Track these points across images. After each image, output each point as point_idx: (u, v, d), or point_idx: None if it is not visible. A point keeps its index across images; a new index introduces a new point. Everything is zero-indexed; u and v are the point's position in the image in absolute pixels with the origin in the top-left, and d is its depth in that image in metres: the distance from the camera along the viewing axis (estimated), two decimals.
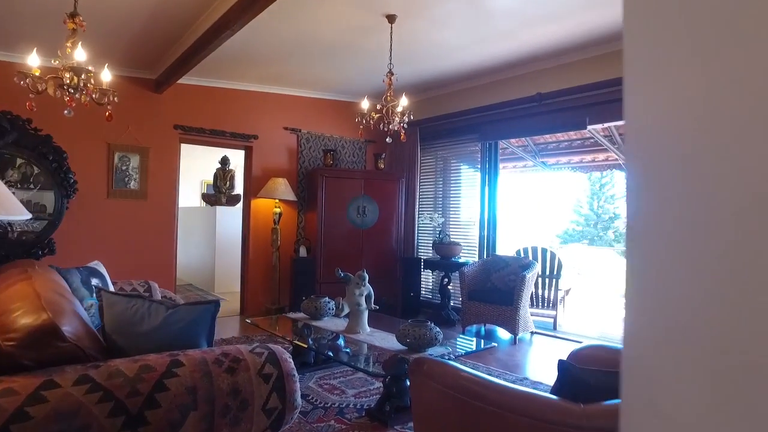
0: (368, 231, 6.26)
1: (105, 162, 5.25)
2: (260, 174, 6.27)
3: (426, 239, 7.06)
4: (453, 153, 6.83)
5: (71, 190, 4.72)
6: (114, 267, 5.26)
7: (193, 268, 8.88)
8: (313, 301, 4.14)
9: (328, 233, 6.06)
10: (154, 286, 3.92)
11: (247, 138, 6.16)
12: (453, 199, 6.89)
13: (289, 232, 6.43)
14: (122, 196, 5.33)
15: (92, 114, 5.14)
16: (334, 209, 6.10)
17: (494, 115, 6.06)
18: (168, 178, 5.63)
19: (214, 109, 5.96)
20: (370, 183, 6.30)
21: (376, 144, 7.22)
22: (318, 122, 6.78)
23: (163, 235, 5.59)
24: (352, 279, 3.75)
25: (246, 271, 6.28)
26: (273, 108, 6.41)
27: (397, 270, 6.38)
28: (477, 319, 5.43)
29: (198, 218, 8.83)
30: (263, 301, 6.24)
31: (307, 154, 6.65)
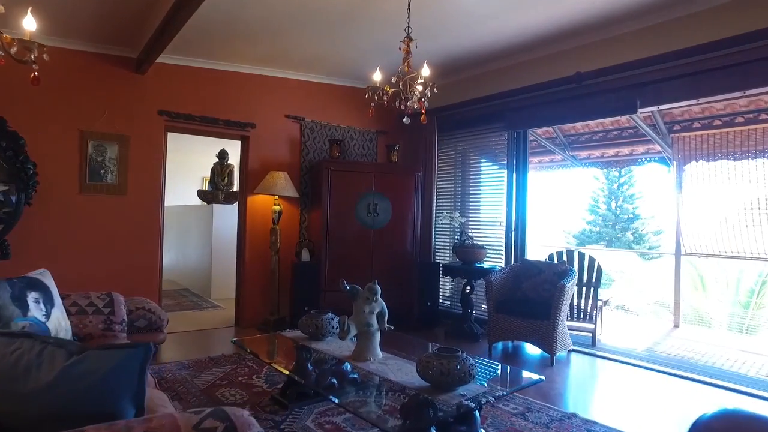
0: (380, 232, 5.52)
1: (77, 152, 4.56)
2: (258, 167, 5.56)
3: (443, 241, 6.30)
4: (475, 144, 6.07)
5: (30, 183, 4.03)
6: (86, 274, 4.58)
7: (190, 272, 8.20)
8: (313, 318, 3.40)
9: (334, 234, 5.34)
10: (118, 299, 3.21)
11: (243, 126, 5.45)
12: (473, 197, 6.13)
13: (290, 232, 5.71)
14: (97, 191, 4.64)
15: (61, 96, 4.47)
16: (341, 207, 5.37)
17: (524, 101, 5.29)
18: (151, 171, 4.93)
19: (206, 93, 5.25)
20: (382, 177, 5.56)
21: (388, 135, 6.49)
22: (324, 110, 6.05)
23: (145, 236, 4.89)
24: (360, 293, 3.01)
25: (242, 276, 5.57)
26: (273, 93, 5.69)
27: (413, 276, 5.63)
28: (505, 335, 4.67)
29: (195, 217, 8.14)
30: (261, 311, 5.52)
31: (311, 145, 5.93)
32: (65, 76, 4.51)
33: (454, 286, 6.23)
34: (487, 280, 4.77)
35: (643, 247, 23.49)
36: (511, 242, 5.57)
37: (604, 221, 24.86)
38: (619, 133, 6.54)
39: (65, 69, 4.51)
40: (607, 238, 25.12)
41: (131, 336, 4.19)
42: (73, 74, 4.55)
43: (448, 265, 5.47)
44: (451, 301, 6.21)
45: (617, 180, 24.42)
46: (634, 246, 23.47)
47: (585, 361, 4.63)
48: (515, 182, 5.59)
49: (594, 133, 6.77)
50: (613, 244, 23.90)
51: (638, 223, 24.12)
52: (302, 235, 5.83)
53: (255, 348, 3.51)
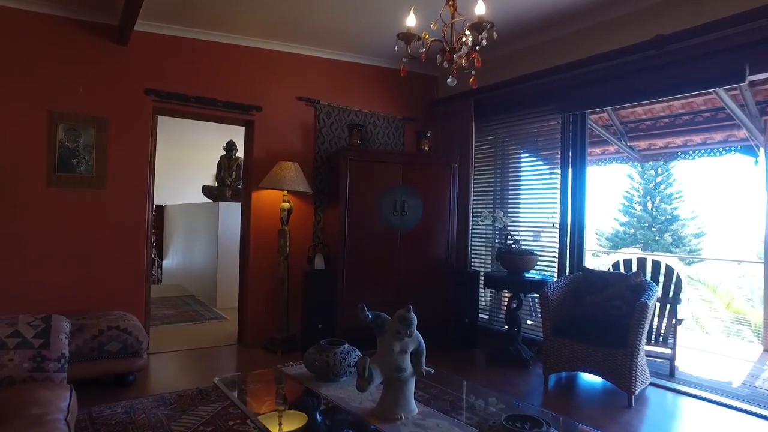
0: (408, 234, 4.62)
1: (44, 136, 3.78)
2: (264, 157, 4.72)
3: (480, 246, 5.37)
4: (520, 132, 5.11)
5: None
6: (56, 286, 3.79)
7: (197, 277, 7.43)
8: (323, 352, 2.53)
9: (354, 237, 4.46)
10: (59, 324, 2.39)
11: (246, 110, 4.62)
12: (516, 194, 5.20)
13: (301, 235, 4.85)
14: (70, 185, 3.86)
15: (25, 69, 3.69)
16: (362, 205, 4.49)
17: (583, 76, 4.33)
18: (136, 161, 4.13)
19: (202, 69, 4.43)
20: (411, 169, 4.66)
21: (417, 122, 5.59)
22: (342, 92, 5.18)
23: (129, 239, 4.09)
24: (387, 324, 2.13)
25: (245, 286, 4.73)
26: (282, 71, 4.85)
27: (447, 288, 4.72)
28: (566, 364, 3.73)
29: (201, 217, 7.37)
30: (267, 328, 4.67)
31: (327, 132, 5.07)
32: (29, 46, 3.74)
33: (493, 297, 5.30)
34: (544, 295, 3.83)
35: (683, 250, 22.04)
36: (565, 248, 4.61)
37: (639, 222, 23.43)
38: (691, 117, 5.51)
39: (29, 36, 3.74)
40: (642, 241, 23.67)
41: (101, 363, 3.40)
42: (39, 43, 3.78)
43: (490, 275, 4.54)
44: (489, 315, 5.28)
45: (654, 179, 23.03)
46: (674, 249, 22.03)
47: (667, 399, 3.65)
48: (571, 176, 4.62)
49: (658, 118, 5.75)
50: (650, 247, 22.51)
51: (677, 225, 22.68)
52: (316, 237, 4.97)
53: (247, 387, 2.66)
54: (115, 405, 3.15)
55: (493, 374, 4.08)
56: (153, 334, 4.74)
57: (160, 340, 4.67)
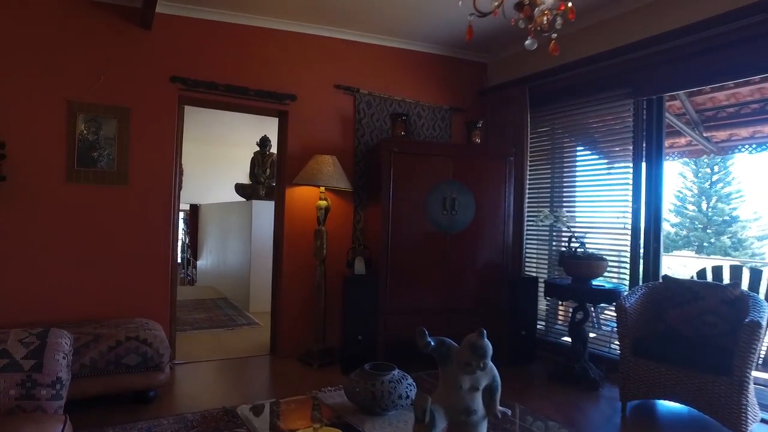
0: (459, 236, 4.12)
1: (63, 128, 3.48)
2: (299, 151, 4.31)
3: (533, 249, 4.81)
4: (581, 121, 4.52)
5: None
6: (74, 290, 3.48)
7: (230, 279, 7.14)
8: (366, 379, 2.07)
9: (398, 239, 3.99)
10: (56, 343, 2.01)
11: (280, 99, 4.22)
12: (578, 191, 4.62)
13: (340, 236, 4.42)
14: (89, 180, 3.54)
15: (43, 56, 3.39)
16: (407, 202, 4.02)
17: (663, 54, 3.73)
18: (161, 155, 3.78)
19: (232, 55, 4.06)
20: (462, 163, 4.15)
21: (465, 113, 5.08)
22: (383, 79, 4.73)
23: (153, 240, 3.75)
24: (454, 352, 1.65)
25: (278, 291, 4.34)
26: (319, 57, 4.43)
27: (502, 296, 4.19)
28: (648, 390, 3.15)
29: (234, 216, 7.07)
30: (302, 337, 4.27)
31: (367, 124, 4.62)
32: (47, 30, 3.44)
33: (549, 305, 4.73)
34: (621, 308, 3.26)
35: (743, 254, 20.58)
36: (638, 253, 4.01)
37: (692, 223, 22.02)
38: None
39: (47, 21, 3.44)
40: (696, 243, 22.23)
41: (118, 378, 3.04)
42: (57, 28, 3.47)
43: (552, 283, 3.98)
44: (546, 325, 4.71)
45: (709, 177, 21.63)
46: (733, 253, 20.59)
47: None
48: (645, 171, 4.02)
49: (744, 104, 5.04)
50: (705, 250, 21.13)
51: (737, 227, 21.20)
52: (356, 239, 4.53)
53: (277, 419, 2.23)
54: (130, 427, 2.79)
55: (556, 396, 3.54)
56: (181, 341, 4.42)
57: (188, 348, 4.33)
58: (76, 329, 3.08)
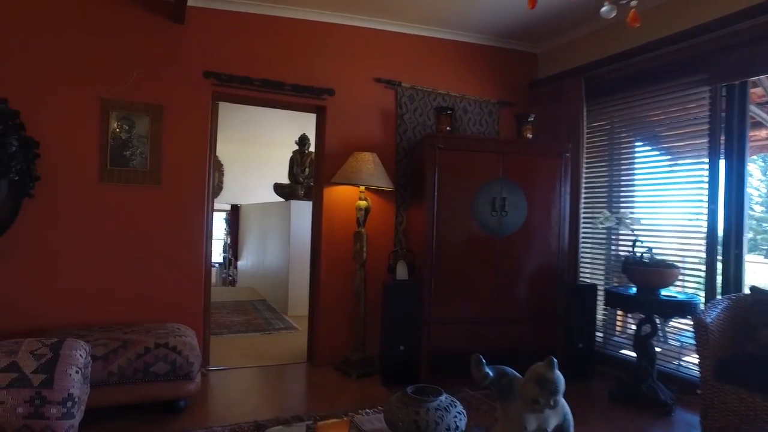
0: (509, 239, 3.78)
1: (96, 126, 3.37)
2: (338, 148, 4.09)
3: (588, 253, 4.41)
4: (645, 113, 4.08)
5: (31, 168, 2.94)
6: (102, 294, 3.37)
7: (269, 281, 7.02)
8: (409, 405, 1.79)
9: (443, 242, 3.69)
10: (71, 356, 1.84)
11: (317, 93, 4.01)
12: (629, 191, 4.20)
13: (381, 238, 4.16)
14: (122, 180, 3.42)
15: (75, 53, 3.30)
16: (453, 202, 3.72)
17: (749, 32, 3.28)
18: (194, 153, 3.63)
19: (267, 49, 3.88)
20: (513, 160, 3.81)
21: (514, 107, 4.73)
22: (427, 72, 4.44)
23: (185, 241, 3.61)
24: (516, 386, 1.35)
25: (316, 295, 4.13)
26: (358, 50, 4.19)
27: (557, 305, 3.83)
28: (741, 424, 2.72)
29: (273, 217, 6.94)
30: (341, 345, 4.04)
31: (410, 119, 4.35)
32: (80, 28, 3.34)
33: (607, 315, 4.31)
34: (700, 323, 2.85)
35: None
36: (714, 260, 3.56)
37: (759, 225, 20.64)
38: None
39: (80, 19, 3.35)
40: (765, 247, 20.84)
41: (146, 387, 2.88)
42: (90, 25, 3.37)
43: (614, 292, 3.58)
44: (603, 336, 4.29)
45: None
46: None
47: None
48: (724, 169, 3.57)
49: None
50: None
51: None
52: (398, 242, 4.26)
53: None
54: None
55: (621, 420, 3.16)
56: (217, 345, 4.28)
57: (223, 353, 4.19)
58: (106, 334, 2.95)
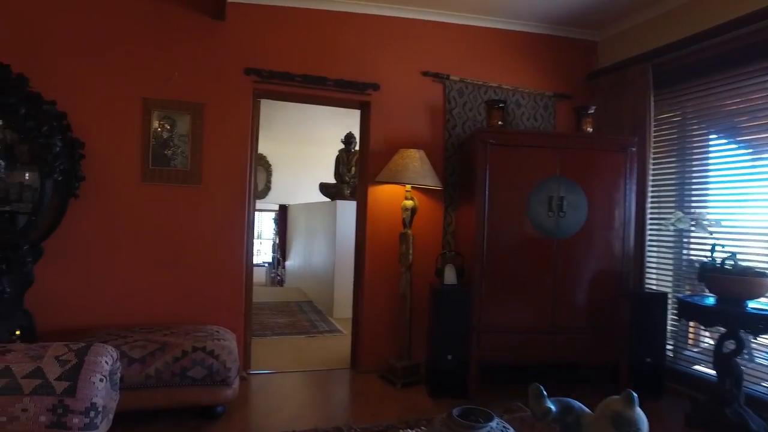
0: (568, 242, 3.48)
1: (138, 126, 3.34)
2: (383, 145, 3.91)
3: (654, 258, 4.01)
4: (724, 103, 3.65)
5: (76, 168, 2.94)
6: (144, 292, 3.33)
7: (315, 282, 6.95)
8: (452, 429, 1.58)
9: (494, 245, 3.44)
10: (96, 362, 1.75)
11: (362, 89, 3.85)
12: (701, 189, 3.77)
13: (428, 240, 3.95)
14: (163, 180, 3.38)
15: (116, 54, 3.28)
16: (506, 202, 3.46)
17: None
18: (235, 152, 3.55)
19: (309, 43, 3.75)
20: (572, 156, 3.51)
21: (572, 100, 4.40)
22: (477, 64, 4.20)
23: (225, 242, 3.53)
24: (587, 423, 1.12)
25: (360, 298, 3.96)
26: (403, 42, 4.00)
27: (621, 314, 3.49)
28: None
29: (320, 217, 6.86)
30: (385, 351, 3.86)
31: (459, 114, 4.11)
32: (122, 28, 3.33)
33: (678, 326, 3.90)
34: None
35: None
36: None
37: None
38: None
39: (121, 18, 3.33)
40: None
41: (183, 391, 2.80)
42: (131, 24, 3.35)
43: (690, 302, 3.20)
44: (674, 350, 3.89)
45: None
46: None
47: None
48: None
49: None
50: None
51: None
52: (446, 244, 4.03)
53: None
54: None
55: None
56: (259, 347, 4.22)
57: (265, 356, 4.10)
58: (145, 335, 2.90)
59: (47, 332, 3.12)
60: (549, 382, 3.73)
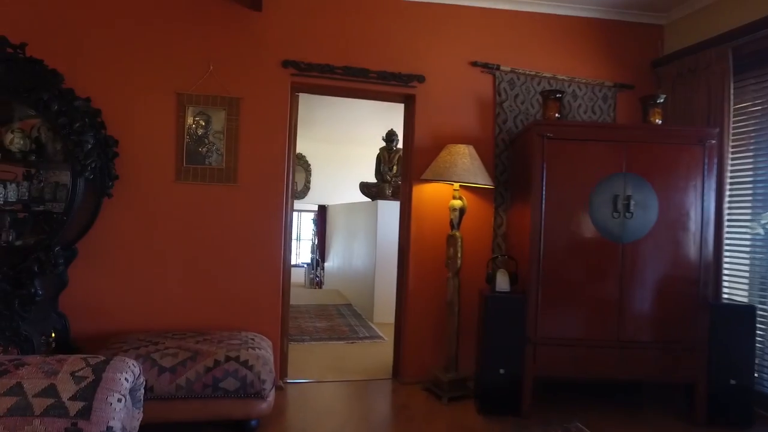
0: (635, 246, 3.11)
1: (173, 122, 3.20)
2: (428, 141, 3.65)
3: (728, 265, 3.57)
4: None
5: (110, 166, 2.84)
6: (177, 296, 3.19)
7: (355, 284, 6.74)
8: None
9: (552, 249, 3.12)
10: (113, 380, 1.56)
11: (406, 81, 3.59)
12: None
13: (477, 242, 3.66)
14: (198, 178, 3.23)
15: (151, 49, 3.15)
16: (564, 202, 3.13)
17: None
18: (272, 149, 3.37)
19: (349, 33, 3.53)
20: (640, 150, 3.14)
21: (635, 90, 4.02)
22: (529, 53, 3.88)
23: (263, 244, 3.35)
24: None
25: (403, 305, 3.71)
26: (450, 30, 3.73)
27: (699, 329, 3.09)
28: None
29: (360, 218, 6.65)
30: (430, 361, 3.60)
31: (510, 107, 3.81)
32: (156, 22, 3.20)
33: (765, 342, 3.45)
34: None
35: None
36: None
37: None
38: None
39: (155, 13, 3.20)
40: None
41: (214, 403, 2.61)
42: (165, 18, 3.21)
43: None
44: (759, 369, 3.44)
45: None
46: None
47: None
48: None
49: None
50: None
51: None
52: (495, 247, 3.73)
53: None
54: None
55: None
56: (297, 353, 4.05)
57: (303, 363, 3.92)
58: (178, 342, 2.75)
59: (81, 335, 3.04)
60: (612, 402, 3.42)
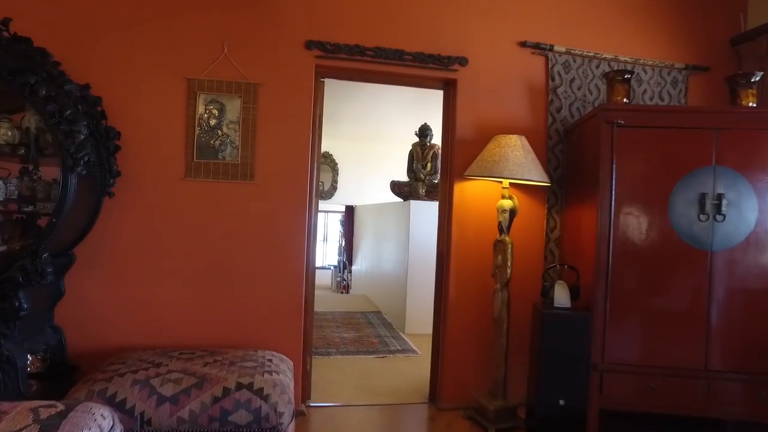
0: (727, 255, 2.58)
1: (182, 111, 2.82)
2: (471, 132, 3.18)
3: None
4: None
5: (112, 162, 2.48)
6: (186, 308, 2.80)
7: (384, 290, 6.31)
8: None
9: (622, 258, 2.62)
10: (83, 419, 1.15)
11: (446, 63, 3.14)
12: None
13: (530, 250, 3.18)
14: (210, 174, 2.84)
15: (157, 27, 2.78)
16: (637, 202, 2.63)
17: None
18: (295, 143, 2.95)
19: (381, 10, 3.09)
20: (733, 139, 2.61)
21: (709, 73, 3.47)
22: (587, 32, 3.38)
23: (282, 250, 2.94)
24: None
25: (443, 320, 3.25)
26: (497, 6, 3.26)
27: None
28: None
29: (391, 219, 6.21)
30: (473, 384, 3.14)
31: (565, 93, 3.31)
32: None
33: None
34: None
35: None
36: None
37: None
38: None
39: None
40: None
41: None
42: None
43: None
44: None
45: None
46: None
47: None
48: None
49: None
50: None
51: None
52: (548, 254, 3.24)
53: None
54: None
55: None
56: (322, 369, 3.68)
57: (328, 382, 3.52)
58: (183, 364, 2.37)
59: (80, 351, 2.69)
60: None
